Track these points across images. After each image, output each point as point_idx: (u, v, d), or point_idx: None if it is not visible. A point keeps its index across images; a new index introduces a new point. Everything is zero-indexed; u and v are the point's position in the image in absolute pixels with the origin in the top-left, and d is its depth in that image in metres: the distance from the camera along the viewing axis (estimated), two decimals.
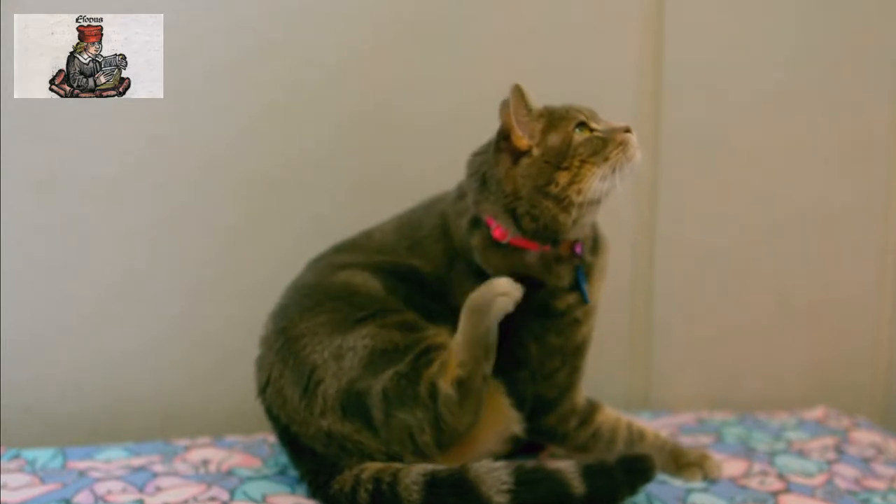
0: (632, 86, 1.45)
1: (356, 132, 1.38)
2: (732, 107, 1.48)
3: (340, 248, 1.15)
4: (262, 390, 1.09)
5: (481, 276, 1.05)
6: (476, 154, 1.08)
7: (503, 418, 1.07)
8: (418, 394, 0.99)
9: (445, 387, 0.99)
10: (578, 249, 1.07)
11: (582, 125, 1.03)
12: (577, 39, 1.42)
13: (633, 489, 0.98)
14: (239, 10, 1.33)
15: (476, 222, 1.07)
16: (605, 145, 1.02)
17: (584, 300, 1.08)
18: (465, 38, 1.39)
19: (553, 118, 1.04)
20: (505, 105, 1.07)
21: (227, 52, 1.32)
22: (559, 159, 1.01)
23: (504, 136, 1.03)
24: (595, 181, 1.00)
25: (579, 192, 1.00)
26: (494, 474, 0.95)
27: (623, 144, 1.02)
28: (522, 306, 1.03)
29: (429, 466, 0.98)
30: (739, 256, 1.52)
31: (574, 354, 1.10)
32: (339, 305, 1.06)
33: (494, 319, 1.01)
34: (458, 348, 1.01)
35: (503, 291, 1.01)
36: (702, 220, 1.50)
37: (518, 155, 1.02)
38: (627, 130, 1.04)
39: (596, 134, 1.03)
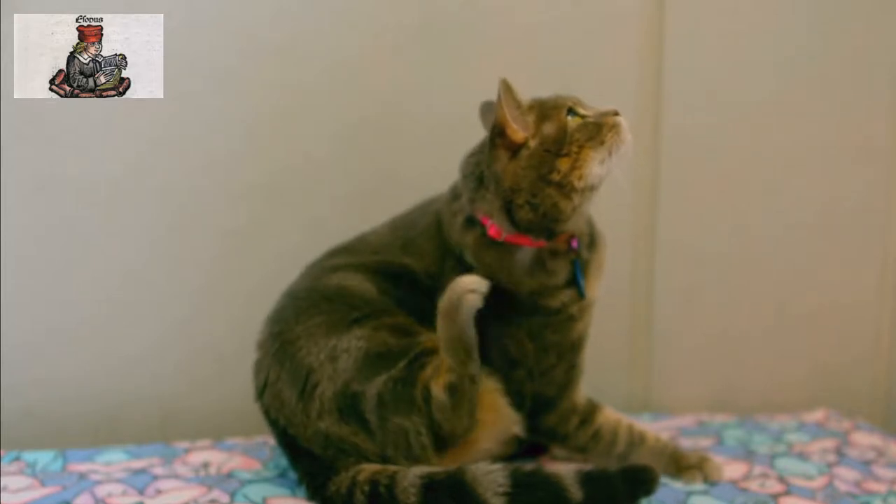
0: (632, 87, 1.45)
1: (358, 136, 1.38)
2: (733, 108, 1.48)
3: (335, 252, 1.15)
4: (260, 394, 1.09)
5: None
6: (470, 155, 1.08)
7: (502, 418, 1.06)
8: (414, 398, 0.99)
9: (438, 391, 0.99)
10: (575, 244, 1.07)
11: (571, 111, 1.04)
12: (577, 41, 1.42)
13: (632, 500, 0.97)
14: (240, 14, 1.32)
15: (471, 221, 1.06)
16: (599, 129, 1.02)
17: (580, 295, 1.08)
18: (465, 43, 1.39)
19: (544, 108, 1.04)
20: (485, 108, 1.06)
21: (228, 56, 1.32)
22: (558, 147, 1.01)
23: (498, 132, 1.02)
24: (595, 165, 1.01)
25: (581, 177, 1.01)
26: (491, 476, 0.94)
27: (615, 127, 1.03)
28: (515, 306, 1.04)
29: (426, 469, 0.98)
30: (740, 259, 1.52)
31: (571, 351, 1.10)
32: (334, 307, 1.05)
33: (466, 318, 0.99)
34: (443, 353, 1.01)
35: (470, 288, 0.99)
36: (702, 222, 1.50)
37: (515, 149, 1.02)
38: (616, 114, 1.04)
39: (588, 119, 1.03)
